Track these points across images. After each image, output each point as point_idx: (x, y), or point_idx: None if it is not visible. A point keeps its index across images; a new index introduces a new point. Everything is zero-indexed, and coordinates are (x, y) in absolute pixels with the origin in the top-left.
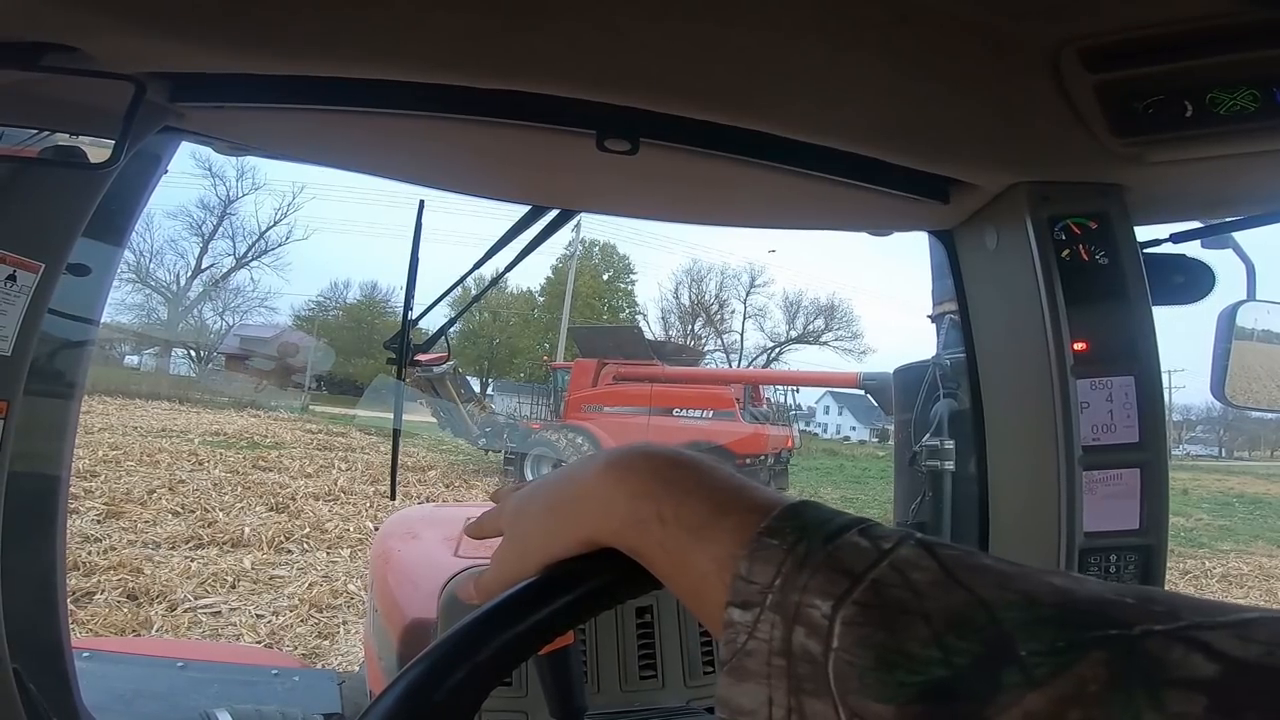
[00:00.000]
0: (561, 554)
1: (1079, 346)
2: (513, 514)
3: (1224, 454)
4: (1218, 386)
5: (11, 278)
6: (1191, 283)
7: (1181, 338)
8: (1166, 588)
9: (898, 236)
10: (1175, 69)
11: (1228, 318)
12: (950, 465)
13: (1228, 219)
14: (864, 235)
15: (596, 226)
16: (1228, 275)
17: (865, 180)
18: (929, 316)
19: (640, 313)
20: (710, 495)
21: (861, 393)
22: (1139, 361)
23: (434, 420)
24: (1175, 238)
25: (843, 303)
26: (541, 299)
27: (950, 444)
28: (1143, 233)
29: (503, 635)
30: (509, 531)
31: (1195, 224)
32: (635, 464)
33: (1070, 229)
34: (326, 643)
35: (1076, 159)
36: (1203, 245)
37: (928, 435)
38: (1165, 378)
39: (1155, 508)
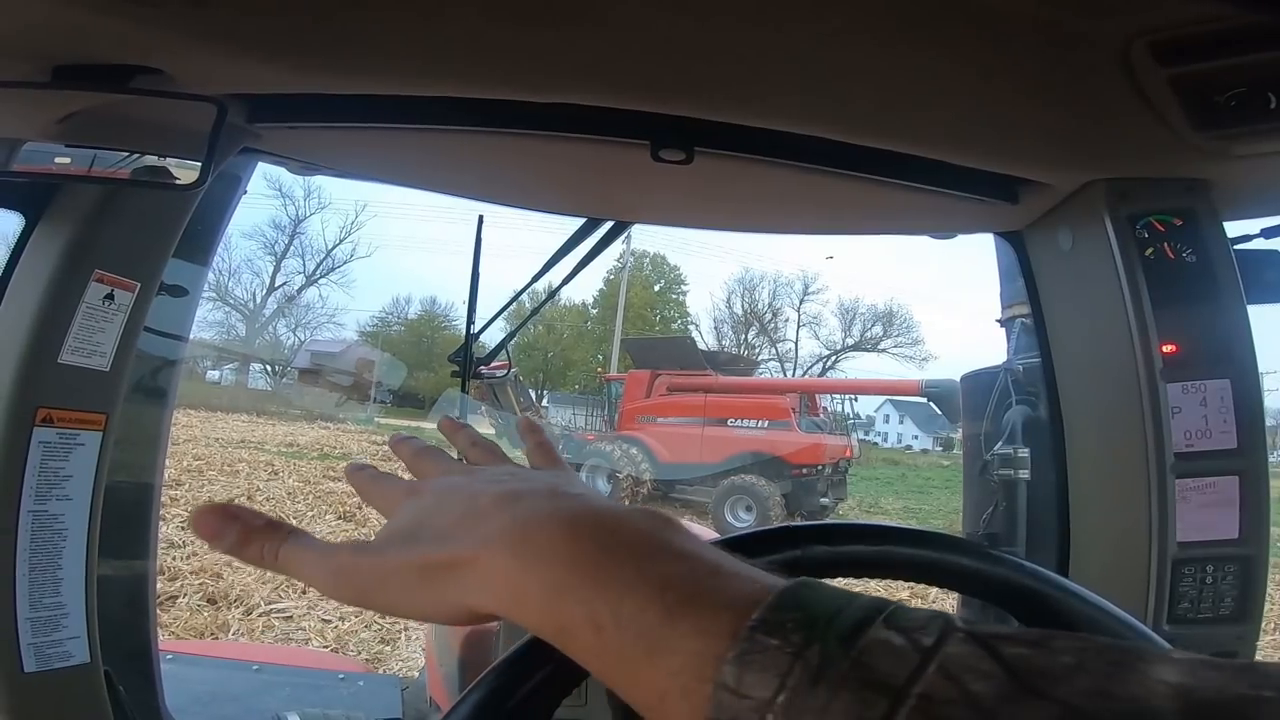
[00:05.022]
0: (435, 621)
1: (1168, 349)
2: (409, 524)
3: None
4: None
5: (110, 296)
6: None
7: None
8: (1269, 599)
9: (958, 238)
10: (1253, 61)
11: None
12: (1025, 474)
13: None
14: (923, 239)
15: (646, 238)
16: None
17: (929, 183)
18: (998, 320)
19: (693, 323)
20: (662, 589)
21: (923, 400)
22: (1234, 363)
23: (493, 430)
24: (1266, 233)
25: (901, 308)
26: (594, 311)
27: (1025, 452)
28: (1232, 228)
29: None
30: (398, 544)
31: None
32: (547, 544)
33: (1154, 226)
34: (388, 648)
35: (1156, 154)
36: None
37: (1000, 443)
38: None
39: (1255, 516)
